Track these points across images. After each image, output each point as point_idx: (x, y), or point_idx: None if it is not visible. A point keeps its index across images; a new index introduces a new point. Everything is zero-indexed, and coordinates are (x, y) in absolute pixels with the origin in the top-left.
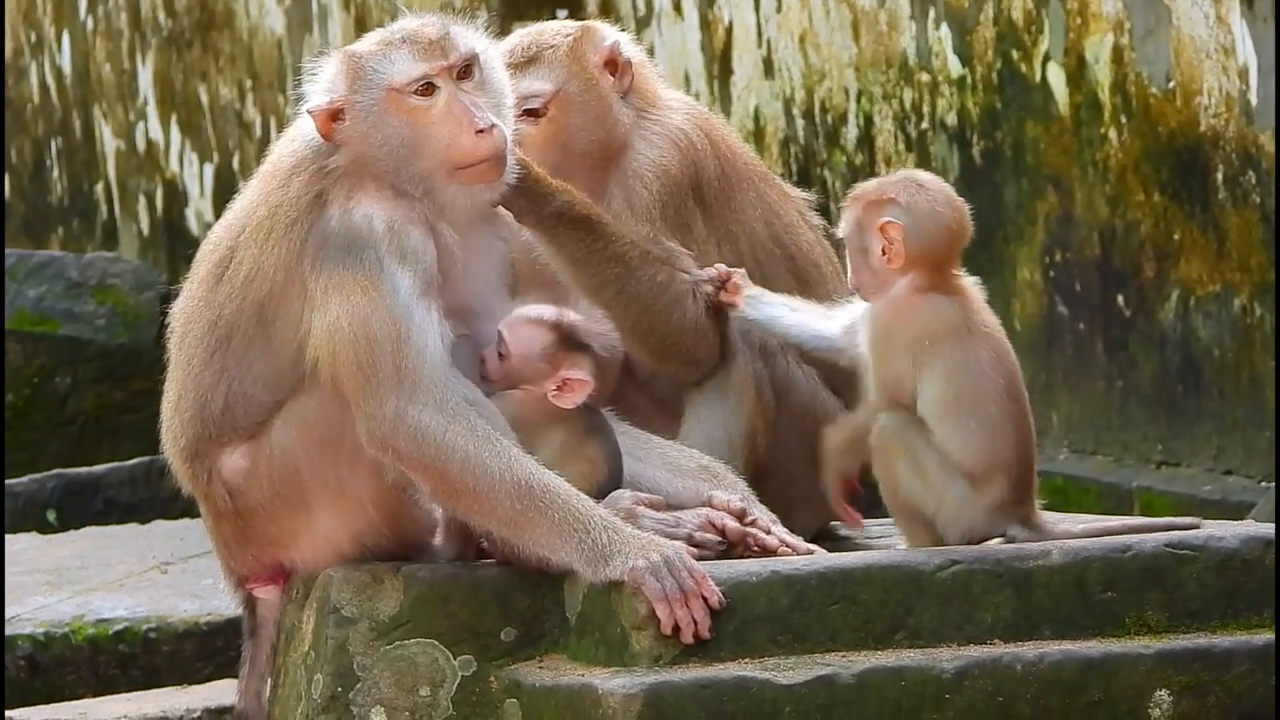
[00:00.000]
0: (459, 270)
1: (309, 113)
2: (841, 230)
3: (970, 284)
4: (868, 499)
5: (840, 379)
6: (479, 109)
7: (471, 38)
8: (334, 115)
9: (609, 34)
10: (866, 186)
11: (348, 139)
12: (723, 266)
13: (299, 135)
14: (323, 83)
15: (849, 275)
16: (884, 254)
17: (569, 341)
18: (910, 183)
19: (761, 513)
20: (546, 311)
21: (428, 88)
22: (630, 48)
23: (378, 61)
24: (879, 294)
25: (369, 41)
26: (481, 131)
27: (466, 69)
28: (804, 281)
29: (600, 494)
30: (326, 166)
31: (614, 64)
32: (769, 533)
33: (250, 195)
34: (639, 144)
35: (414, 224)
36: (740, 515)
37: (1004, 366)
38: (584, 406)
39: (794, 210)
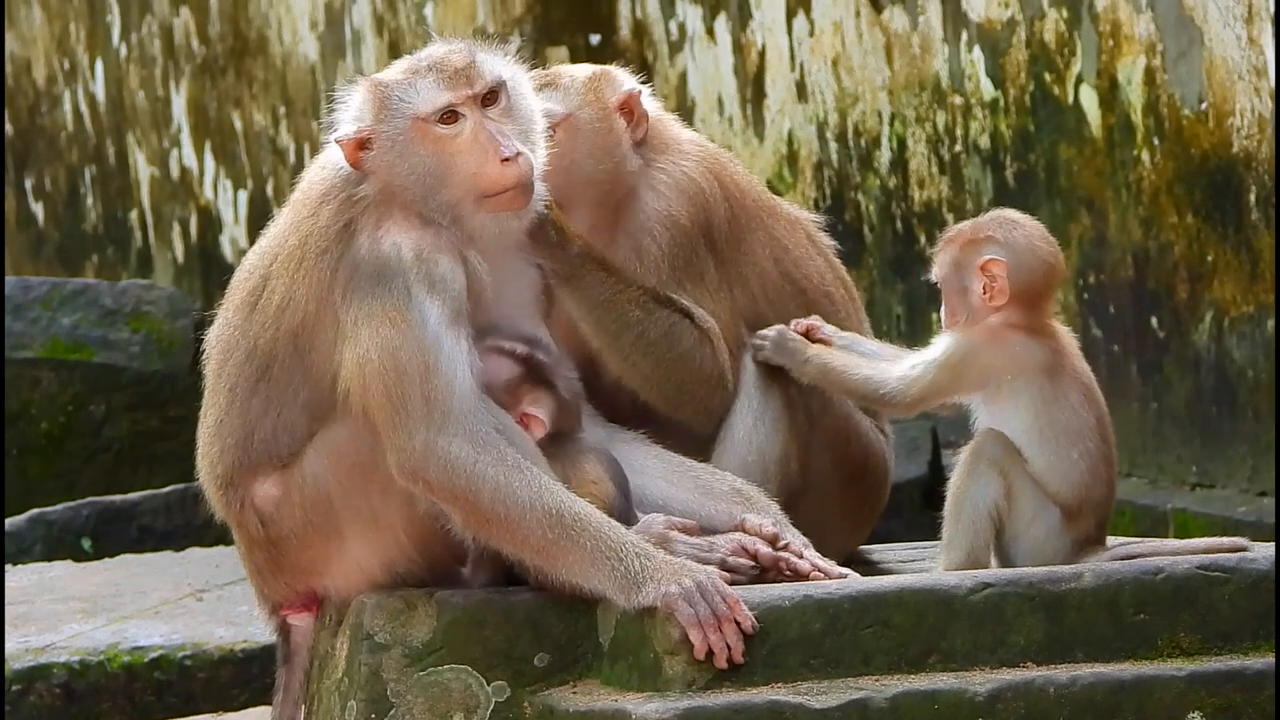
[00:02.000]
0: (489, 296)
1: (336, 142)
2: (936, 273)
3: (1064, 331)
4: (895, 524)
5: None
6: (505, 137)
7: (499, 64)
8: (361, 145)
9: (630, 82)
10: (960, 227)
11: (375, 168)
12: (803, 320)
13: (328, 163)
14: (350, 111)
15: (944, 318)
16: (985, 292)
17: (534, 377)
18: (1005, 220)
19: (794, 536)
20: (518, 345)
21: (452, 116)
22: (650, 102)
23: (403, 91)
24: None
25: (396, 69)
26: (507, 160)
27: (492, 95)
28: (817, 313)
29: (614, 509)
30: (355, 195)
31: (630, 111)
32: (801, 557)
33: (281, 224)
34: (647, 194)
35: (442, 251)
36: (773, 540)
37: (1095, 408)
38: (566, 435)
39: (803, 237)
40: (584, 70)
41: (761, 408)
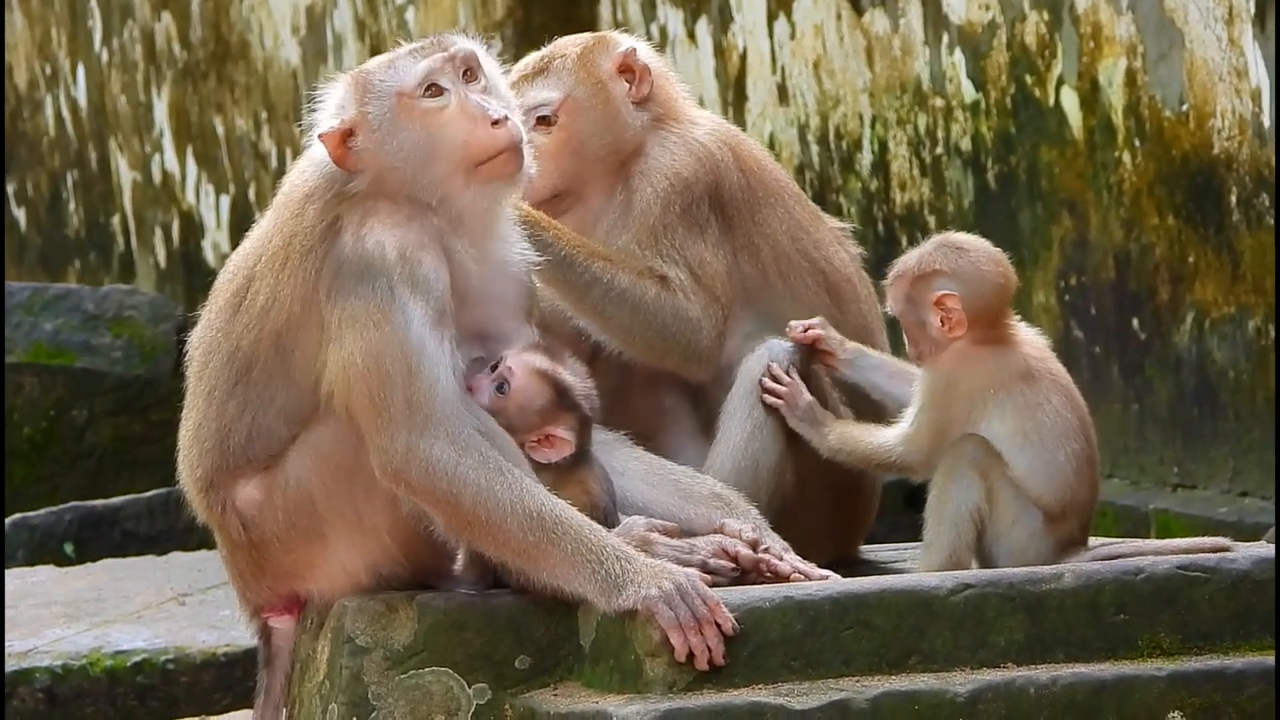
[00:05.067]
0: (475, 293)
1: (320, 137)
2: (891, 308)
3: (1032, 334)
4: (876, 526)
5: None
6: (491, 103)
7: (472, 43)
8: (346, 136)
9: (624, 41)
10: (907, 263)
11: (362, 156)
12: (799, 323)
13: (311, 163)
14: (331, 107)
15: (908, 349)
16: (944, 324)
17: (564, 400)
18: (950, 249)
19: (774, 540)
20: (552, 367)
21: (435, 89)
22: (648, 54)
23: (384, 73)
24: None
25: (374, 62)
26: (497, 122)
27: (470, 72)
28: (837, 296)
29: (598, 511)
30: (340, 192)
31: (630, 70)
32: (781, 559)
33: (265, 225)
34: (654, 150)
35: (427, 249)
36: (753, 544)
37: (1076, 409)
38: None
39: (829, 233)
40: (576, 45)
41: (764, 416)
